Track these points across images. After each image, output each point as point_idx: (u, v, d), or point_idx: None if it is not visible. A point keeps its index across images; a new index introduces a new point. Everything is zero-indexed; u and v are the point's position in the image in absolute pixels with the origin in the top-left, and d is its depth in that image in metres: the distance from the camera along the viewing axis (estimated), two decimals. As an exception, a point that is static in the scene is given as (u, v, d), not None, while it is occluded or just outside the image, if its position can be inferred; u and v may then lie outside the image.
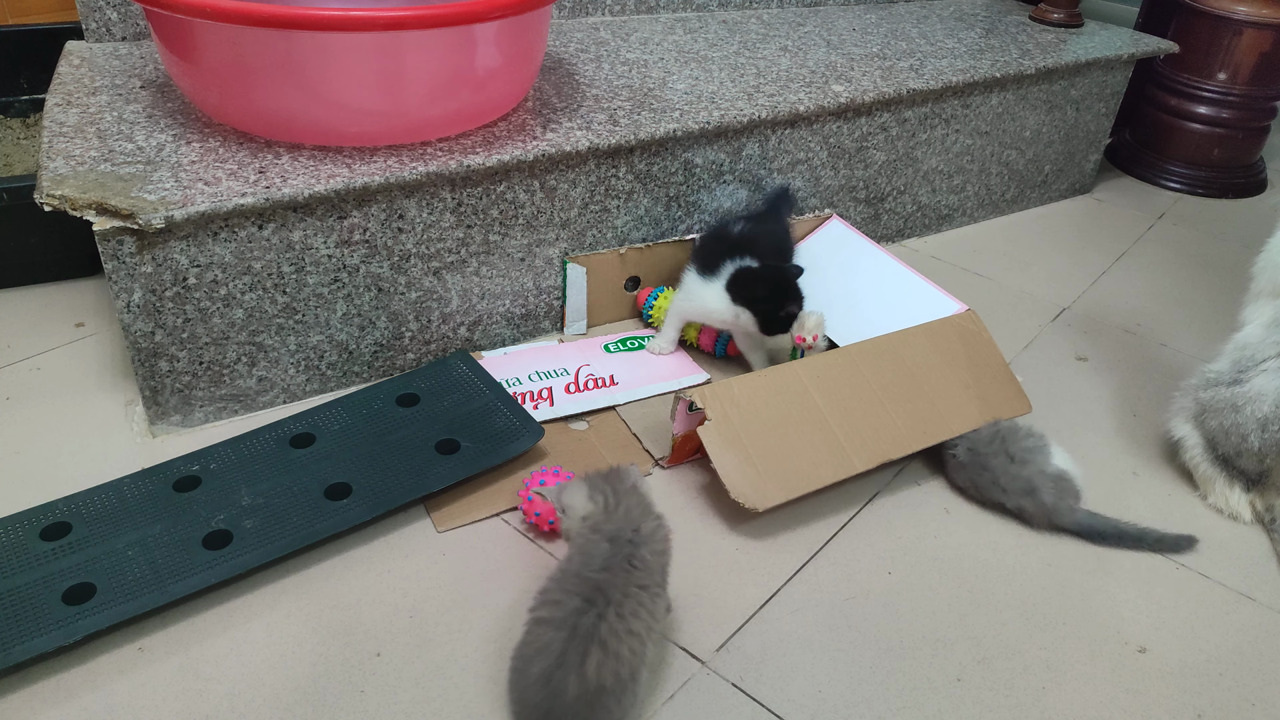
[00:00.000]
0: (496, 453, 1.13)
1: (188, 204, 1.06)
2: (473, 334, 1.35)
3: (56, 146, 1.15)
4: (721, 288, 1.28)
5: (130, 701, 0.87)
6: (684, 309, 1.34)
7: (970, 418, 1.18)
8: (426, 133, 1.24)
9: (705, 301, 1.30)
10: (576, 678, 0.79)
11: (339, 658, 0.92)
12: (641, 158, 1.37)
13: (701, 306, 1.31)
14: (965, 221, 1.88)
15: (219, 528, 1.01)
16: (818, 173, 1.58)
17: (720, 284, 1.28)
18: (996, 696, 0.93)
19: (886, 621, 1.01)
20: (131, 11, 1.45)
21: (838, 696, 0.92)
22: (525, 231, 1.31)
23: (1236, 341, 1.19)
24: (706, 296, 1.29)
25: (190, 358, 1.15)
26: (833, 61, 1.67)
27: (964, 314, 1.30)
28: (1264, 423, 1.12)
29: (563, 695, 0.79)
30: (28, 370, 1.28)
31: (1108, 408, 1.37)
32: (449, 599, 0.99)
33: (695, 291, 1.31)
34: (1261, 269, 1.20)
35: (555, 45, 1.64)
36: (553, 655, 0.80)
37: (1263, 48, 1.94)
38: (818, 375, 1.17)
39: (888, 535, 1.12)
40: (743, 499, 1.05)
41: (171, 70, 1.22)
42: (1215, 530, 1.16)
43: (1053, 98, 1.82)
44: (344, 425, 1.17)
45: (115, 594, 0.93)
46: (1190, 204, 2.04)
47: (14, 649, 0.87)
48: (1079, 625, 1.02)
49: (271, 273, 1.15)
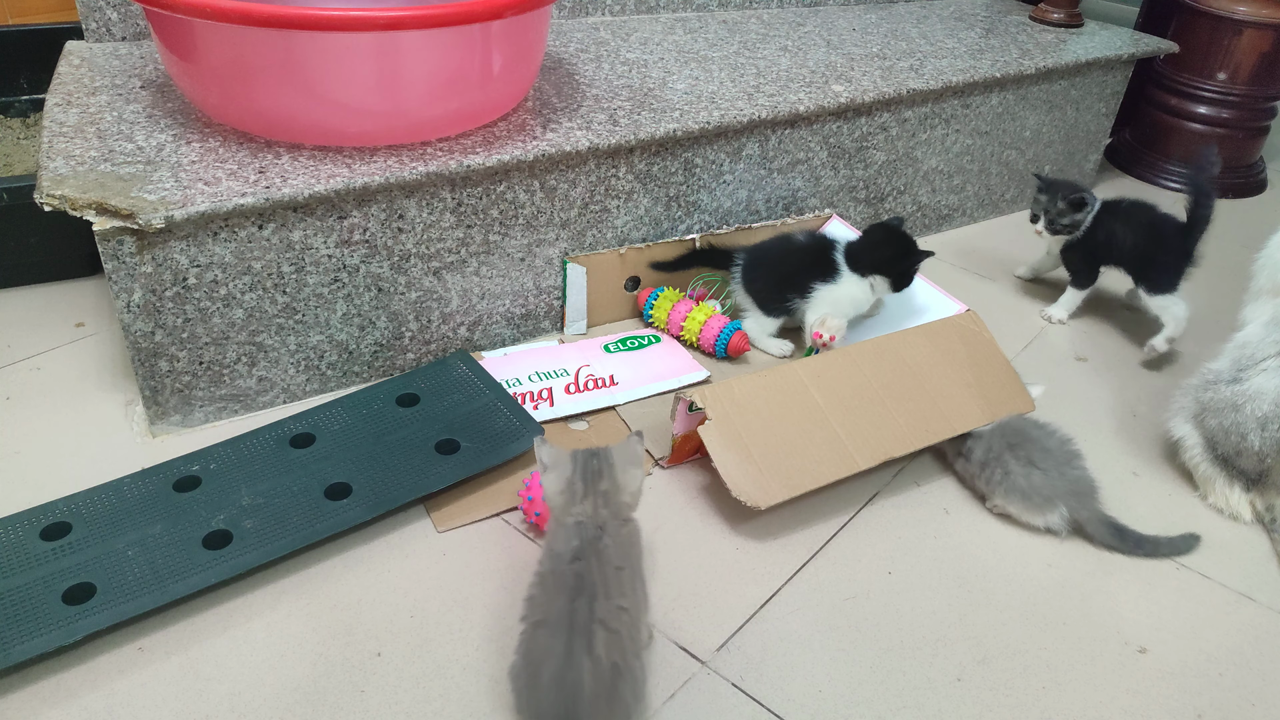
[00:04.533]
0: (496, 453, 1.13)
1: (188, 204, 1.06)
2: (473, 334, 1.35)
3: (56, 146, 1.15)
4: (856, 280, 1.37)
5: (130, 701, 0.87)
6: (839, 314, 1.38)
7: (973, 416, 1.18)
8: (426, 133, 1.24)
9: (852, 295, 1.37)
10: (590, 661, 0.78)
11: (339, 658, 0.92)
12: (641, 158, 1.37)
13: (851, 302, 1.38)
14: (965, 221, 1.88)
15: (219, 528, 1.01)
16: (818, 173, 1.58)
17: (854, 280, 1.37)
18: (996, 696, 0.93)
19: (886, 621, 1.01)
20: (131, 11, 1.45)
21: (838, 696, 0.92)
22: (525, 231, 1.31)
23: (1236, 340, 1.19)
24: (849, 292, 1.37)
25: (190, 358, 1.15)
26: (833, 61, 1.67)
27: (964, 314, 1.30)
28: (1264, 422, 1.12)
29: (580, 689, 0.77)
30: (28, 370, 1.28)
31: (1108, 408, 1.37)
32: (449, 599, 0.99)
33: (841, 295, 1.37)
34: (1261, 267, 1.21)
35: (555, 45, 1.64)
36: (558, 655, 0.78)
37: (1263, 48, 1.94)
38: (818, 375, 1.17)
39: (888, 535, 1.12)
40: (744, 497, 1.05)
41: (171, 70, 1.22)
42: (1215, 530, 1.16)
43: (1053, 98, 1.82)
44: (344, 425, 1.17)
45: (115, 594, 0.93)
46: (1190, 204, 2.04)
47: (14, 649, 0.87)
48: (1079, 625, 1.02)
49: (271, 273, 1.15)
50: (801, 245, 1.41)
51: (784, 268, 1.39)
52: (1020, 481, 1.10)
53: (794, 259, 1.39)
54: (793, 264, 1.39)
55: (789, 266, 1.39)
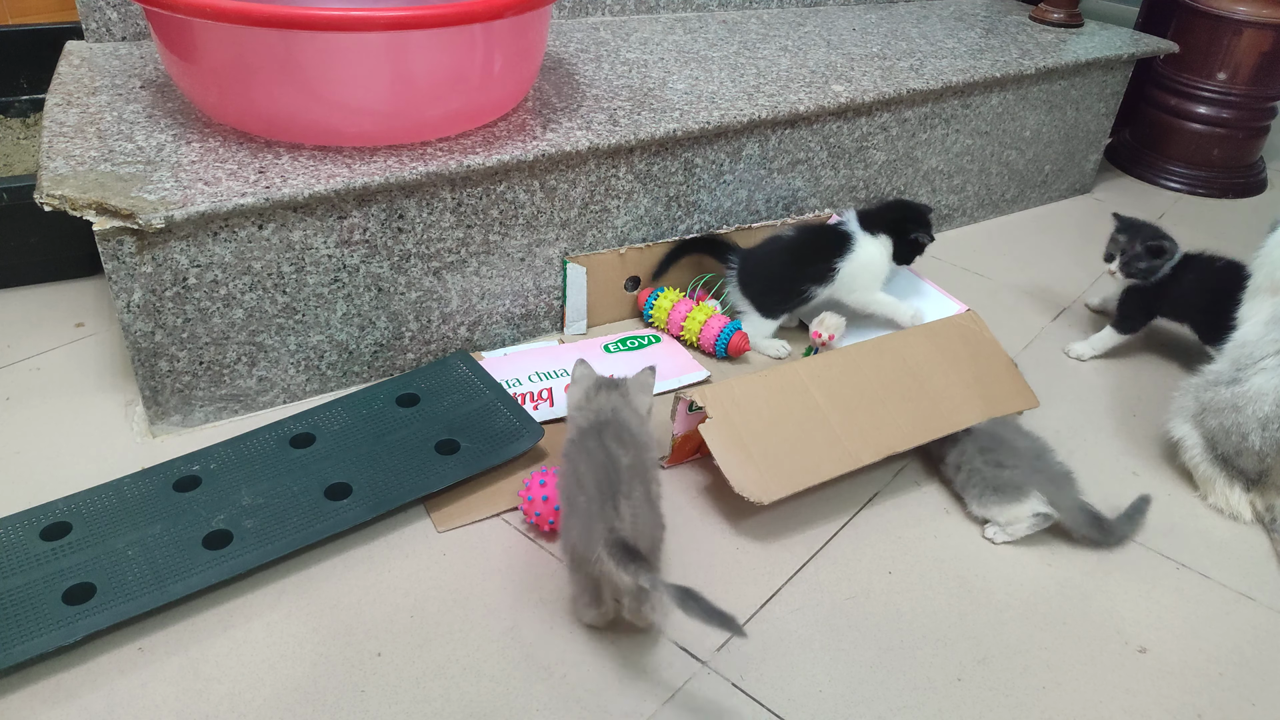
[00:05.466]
0: (496, 453, 1.13)
1: (188, 204, 1.06)
2: (473, 334, 1.35)
3: (56, 146, 1.15)
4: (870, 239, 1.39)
5: (130, 701, 0.87)
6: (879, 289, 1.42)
7: (974, 415, 1.18)
8: (426, 133, 1.24)
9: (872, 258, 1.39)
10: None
11: (339, 658, 0.92)
12: (641, 158, 1.37)
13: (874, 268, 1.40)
14: (965, 221, 1.88)
15: (219, 528, 1.01)
16: (818, 173, 1.58)
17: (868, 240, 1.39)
18: (996, 696, 0.93)
19: (886, 621, 1.01)
20: (131, 11, 1.45)
21: (838, 696, 0.92)
22: (525, 231, 1.31)
23: (1236, 340, 1.19)
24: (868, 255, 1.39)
25: (190, 358, 1.15)
26: (833, 61, 1.67)
27: (965, 314, 1.30)
28: (1265, 422, 1.12)
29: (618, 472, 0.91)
30: (28, 370, 1.28)
31: (1108, 408, 1.37)
32: (449, 599, 0.99)
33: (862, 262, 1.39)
34: (1260, 265, 1.21)
35: (555, 45, 1.64)
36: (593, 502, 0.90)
37: (1263, 47, 1.94)
38: (818, 374, 1.17)
39: (888, 535, 1.12)
40: (746, 492, 1.05)
41: (171, 70, 1.22)
42: (1215, 530, 1.16)
43: (1053, 98, 1.82)
44: (344, 425, 1.17)
45: (115, 594, 0.93)
46: (1190, 204, 2.04)
47: (14, 649, 0.87)
48: (1079, 625, 1.02)
49: (271, 273, 1.15)
50: (799, 237, 1.40)
51: (786, 264, 1.38)
52: (990, 478, 1.10)
53: (799, 251, 1.39)
54: (800, 255, 1.38)
55: (793, 260, 1.38)
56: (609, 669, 0.93)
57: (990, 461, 1.11)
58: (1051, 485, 1.09)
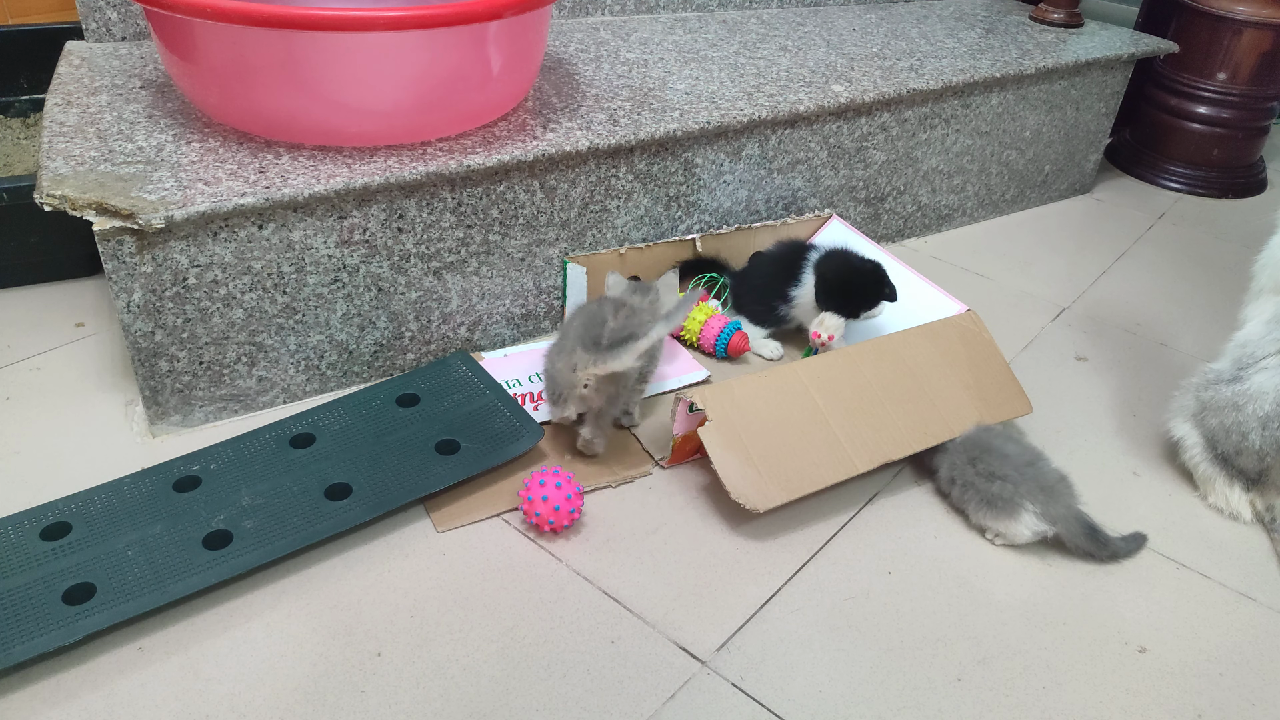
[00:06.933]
0: (496, 453, 1.13)
1: (188, 204, 1.06)
2: (473, 334, 1.35)
3: (56, 146, 1.15)
4: None
5: (130, 701, 0.87)
6: None
7: (971, 418, 1.18)
8: (426, 133, 1.24)
9: None
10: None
11: (339, 658, 0.92)
12: (641, 158, 1.37)
13: None
14: (965, 221, 1.88)
15: (219, 528, 1.01)
16: (818, 173, 1.58)
17: None
18: (996, 696, 0.93)
19: (886, 621, 1.01)
20: (131, 11, 1.45)
21: (838, 696, 0.92)
22: (525, 231, 1.31)
23: (1237, 340, 1.19)
24: None
25: (190, 358, 1.15)
26: (833, 61, 1.67)
27: (964, 314, 1.30)
28: (1265, 421, 1.12)
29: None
30: (28, 370, 1.28)
31: (1108, 408, 1.37)
32: (449, 599, 0.99)
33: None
34: (1263, 266, 1.20)
35: (555, 45, 1.64)
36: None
37: (1263, 47, 1.94)
38: (818, 376, 1.17)
39: (888, 535, 1.12)
40: (743, 500, 1.05)
41: (171, 70, 1.22)
42: (1215, 530, 1.16)
43: (1053, 98, 1.82)
44: (344, 425, 1.17)
45: (115, 594, 0.93)
46: (1190, 204, 2.04)
47: (14, 649, 0.87)
48: (1079, 625, 1.02)
49: (271, 273, 1.15)
50: (773, 256, 1.43)
51: (762, 280, 1.42)
52: (983, 491, 1.09)
53: (770, 269, 1.41)
54: (773, 275, 1.40)
55: (766, 278, 1.41)
56: (609, 669, 0.93)
57: (982, 473, 1.10)
58: (1044, 495, 1.07)
